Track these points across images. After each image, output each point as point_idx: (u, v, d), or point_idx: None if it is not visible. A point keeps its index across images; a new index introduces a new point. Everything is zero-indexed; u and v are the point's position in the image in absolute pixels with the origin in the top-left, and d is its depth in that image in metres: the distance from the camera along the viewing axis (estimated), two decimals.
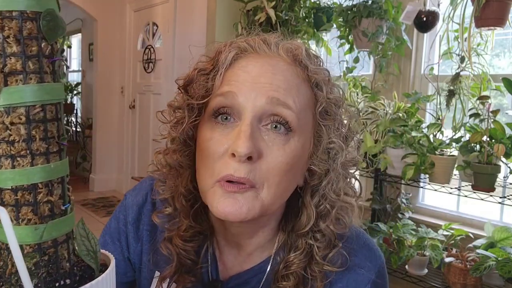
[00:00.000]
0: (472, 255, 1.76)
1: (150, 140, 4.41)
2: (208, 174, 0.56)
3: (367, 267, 0.63)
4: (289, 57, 0.59)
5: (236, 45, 0.60)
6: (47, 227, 0.37)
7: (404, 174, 1.86)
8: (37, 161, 0.37)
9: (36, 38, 0.36)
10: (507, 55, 2.20)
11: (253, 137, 0.54)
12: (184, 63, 3.55)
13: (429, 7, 2.12)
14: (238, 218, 0.54)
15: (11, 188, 0.36)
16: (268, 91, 0.55)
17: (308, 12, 2.61)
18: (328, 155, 0.60)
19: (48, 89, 0.37)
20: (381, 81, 2.32)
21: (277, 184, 0.55)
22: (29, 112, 0.36)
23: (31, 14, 0.36)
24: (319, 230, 0.61)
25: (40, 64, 0.36)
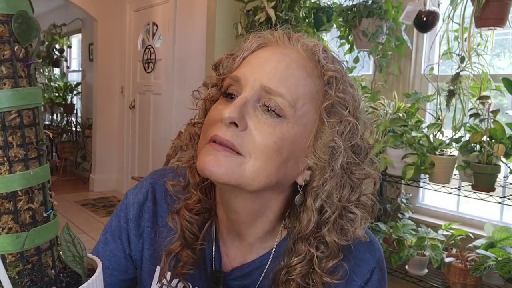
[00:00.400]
0: (472, 255, 1.76)
1: (150, 140, 4.41)
2: (203, 138, 0.61)
3: (366, 258, 0.67)
4: (305, 52, 0.63)
5: (263, 36, 0.66)
6: (29, 235, 0.36)
7: (404, 174, 1.86)
8: (16, 168, 0.36)
9: (8, 41, 0.35)
10: (507, 55, 2.20)
11: (242, 108, 0.58)
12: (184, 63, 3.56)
13: (429, 7, 2.12)
14: (215, 176, 0.57)
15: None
16: (266, 78, 0.59)
17: (308, 12, 2.61)
18: (329, 155, 0.61)
19: (24, 94, 0.35)
20: (381, 81, 2.32)
21: (265, 160, 0.58)
22: (4, 118, 0.35)
23: (1, 17, 0.34)
24: (323, 239, 0.62)
25: (14, 68, 0.35)
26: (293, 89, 0.59)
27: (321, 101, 0.62)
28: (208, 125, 0.61)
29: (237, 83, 0.61)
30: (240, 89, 0.61)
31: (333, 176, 0.61)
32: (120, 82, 4.89)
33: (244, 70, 0.62)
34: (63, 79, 6.41)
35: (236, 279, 0.68)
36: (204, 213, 0.68)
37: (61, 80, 6.35)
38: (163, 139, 4.13)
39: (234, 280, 0.68)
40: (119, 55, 4.82)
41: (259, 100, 0.59)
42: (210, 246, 0.70)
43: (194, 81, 3.60)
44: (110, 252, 0.73)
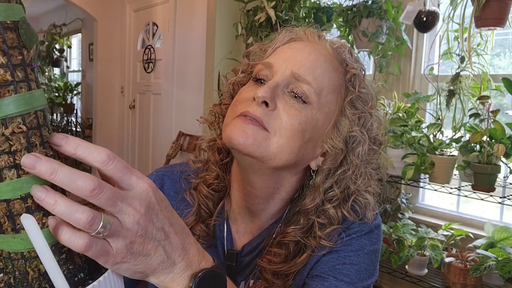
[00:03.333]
0: (472, 255, 1.76)
1: (150, 140, 4.41)
2: (231, 113, 0.65)
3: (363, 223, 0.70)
4: (332, 50, 0.69)
5: (295, 31, 0.71)
6: None
7: (404, 174, 1.86)
8: None
9: (18, 47, 0.36)
10: (507, 55, 2.20)
11: (274, 91, 0.63)
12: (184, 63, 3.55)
13: (429, 7, 2.12)
14: (242, 146, 0.60)
15: (20, 196, 0.37)
16: (296, 66, 0.65)
17: (308, 12, 2.61)
18: (346, 144, 0.66)
19: (36, 96, 0.37)
20: (381, 81, 2.32)
21: (289, 138, 0.62)
22: (25, 120, 0.36)
23: (10, 24, 0.35)
24: (324, 211, 0.67)
25: (26, 72, 0.36)
26: (319, 79, 0.65)
27: (342, 94, 0.68)
28: (238, 103, 0.65)
29: (269, 68, 0.66)
30: (271, 74, 0.66)
31: (349, 163, 0.66)
32: (120, 82, 4.89)
33: (277, 58, 0.67)
34: (63, 79, 6.41)
35: (246, 255, 0.72)
36: (219, 192, 0.73)
37: (61, 80, 6.35)
38: (163, 139, 4.13)
39: (245, 256, 0.72)
40: (119, 55, 4.82)
41: (288, 86, 0.64)
42: (221, 225, 0.74)
43: (194, 81, 3.60)
44: None
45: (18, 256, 0.38)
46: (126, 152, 4.83)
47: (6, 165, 0.36)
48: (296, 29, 0.72)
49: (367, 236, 0.70)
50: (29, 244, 0.37)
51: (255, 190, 0.69)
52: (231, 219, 0.74)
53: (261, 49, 0.73)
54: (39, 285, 0.38)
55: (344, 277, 0.66)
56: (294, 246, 0.68)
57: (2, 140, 0.36)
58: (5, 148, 0.36)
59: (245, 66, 0.73)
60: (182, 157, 3.75)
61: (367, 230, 0.70)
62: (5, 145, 0.36)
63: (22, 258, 0.38)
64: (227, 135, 0.62)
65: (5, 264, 0.39)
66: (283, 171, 0.67)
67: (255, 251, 0.72)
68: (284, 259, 0.67)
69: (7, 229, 0.37)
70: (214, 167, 0.73)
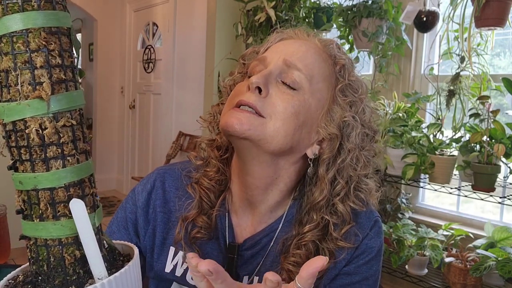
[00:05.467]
0: (472, 255, 1.76)
1: (150, 140, 4.41)
2: (227, 106, 0.68)
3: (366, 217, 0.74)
4: (321, 45, 0.73)
5: (286, 32, 0.75)
6: (96, 216, 0.42)
7: (404, 174, 1.86)
8: (82, 159, 0.42)
9: (68, 50, 0.41)
10: (507, 55, 2.20)
11: (267, 78, 0.66)
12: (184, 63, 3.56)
13: (429, 7, 2.12)
14: (238, 131, 0.63)
15: (64, 185, 0.40)
16: (287, 55, 0.68)
17: (308, 12, 2.61)
18: (340, 131, 0.69)
19: (80, 95, 0.42)
20: (381, 81, 2.32)
21: (284, 121, 0.65)
22: (72, 116, 0.41)
23: (64, 30, 0.40)
24: (335, 208, 0.69)
25: (73, 73, 0.41)
26: (309, 67, 0.68)
27: (333, 83, 0.71)
28: (234, 95, 0.68)
29: (263, 62, 0.70)
30: (264, 67, 0.69)
31: (345, 150, 0.69)
32: (120, 82, 4.89)
33: (270, 52, 0.71)
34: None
35: (248, 249, 0.73)
36: (220, 185, 0.75)
37: None
38: (163, 139, 4.13)
39: (246, 250, 0.73)
40: (119, 55, 4.82)
41: (280, 75, 0.67)
42: (223, 218, 0.75)
43: (194, 81, 3.60)
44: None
45: (56, 243, 0.41)
46: (126, 152, 4.83)
47: (54, 156, 0.40)
48: (286, 30, 0.76)
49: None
50: (68, 230, 0.40)
51: (254, 179, 0.71)
52: (232, 212, 0.75)
53: (255, 51, 0.76)
54: (73, 270, 0.41)
55: None
56: (314, 246, 0.68)
57: (52, 133, 0.39)
58: (54, 140, 0.39)
59: (241, 67, 0.77)
60: (182, 157, 3.75)
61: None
62: (54, 137, 0.39)
63: (60, 244, 0.41)
64: (223, 123, 0.65)
65: (38, 253, 0.41)
66: (281, 159, 0.69)
67: (257, 246, 0.73)
68: (304, 260, 0.66)
69: (48, 216, 0.40)
70: (215, 162, 0.75)
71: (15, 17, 0.37)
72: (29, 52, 0.38)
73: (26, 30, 0.38)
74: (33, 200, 0.40)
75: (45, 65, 0.38)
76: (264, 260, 0.73)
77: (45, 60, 0.38)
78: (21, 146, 0.40)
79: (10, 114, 0.39)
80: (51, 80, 0.38)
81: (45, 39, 0.38)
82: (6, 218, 1.19)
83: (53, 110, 0.39)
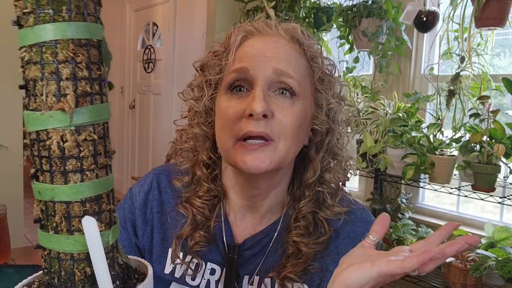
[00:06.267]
0: (472, 255, 1.76)
1: (150, 140, 4.41)
2: (228, 135, 0.65)
3: (363, 222, 0.75)
4: (287, 35, 0.70)
5: (243, 28, 0.71)
6: (110, 233, 0.42)
7: (404, 174, 1.86)
8: (101, 174, 0.41)
9: (97, 63, 0.40)
10: (507, 55, 2.20)
11: (266, 99, 0.63)
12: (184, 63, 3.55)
13: (429, 7, 2.12)
14: (261, 170, 0.63)
15: (80, 200, 0.40)
16: (273, 63, 0.65)
17: (308, 12, 2.61)
18: (328, 116, 0.71)
19: (106, 108, 0.41)
20: (381, 81, 2.32)
21: (291, 138, 0.65)
22: (95, 130, 0.40)
23: (94, 42, 0.40)
24: (325, 181, 0.72)
25: (100, 86, 0.41)
26: (296, 69, 0.67)
27: (311, 74, 0.70)
28: (232, 122, 0.65)
29: (245, 74, 0.65)
30: (249, 80, 0.65)
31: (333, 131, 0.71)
32: (120, 82, 4.88)
33: (247, 61, 0.66)
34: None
35: (248, 249, 0.73)
36: (213, 198, 0.74)
37: None
38: (163, 139, 4.13)
39: (246, 250, 0.73)
40: (119, 55, 4.82)
41: (269, 87, 0.65)
42: (220, 224, 0.74)
43: None
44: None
45: (68, 257, 0.40)
46: (126, 152, 4.83)
47: (73, 169, 0.39)
48: (242, 26, 0.71)
49: None
50: (80, 246, 0.40)
51: (260, 190, 0.72)
52: (230, 216, 0.75)
53: (216, 56, 0.71)
54: (82, 287, 0.40)
55: None
56: (312, 217, 0.71)
57: (73, 146, 0.39)
58: (75, 153, 0.39)
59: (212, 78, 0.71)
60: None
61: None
62: (75, 150, 0.39)
63: (71, 259, 0.40)
64: (240, 164, 0.63)
65: (51, 264, 0.41)
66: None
67: (257, 246, 0.73)
68: (306, 231, 0.70)
69: (62, 229, 0.40)
70: (205, 183, 0.74)
71: (45, 28, 0.37)
72: (56, 63, 0.38)
73: (55, 41, 0.37)
74: (49, 211, 0.40)
75: (71, 77, 0.38)
76: (264, 259, 0.73)
77: (72, 72, 0.38)
78: (42, 156, 0.39)
79: (34, 123, 0.39)
80: (76, 92, 0.38)
81: (73, 51, 0.38)
82: (6, 218, 1.19)
83: (76, 123, 0.39)
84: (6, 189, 2.65)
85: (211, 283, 0.73)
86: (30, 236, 3.43)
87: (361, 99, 2.19)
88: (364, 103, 2.15)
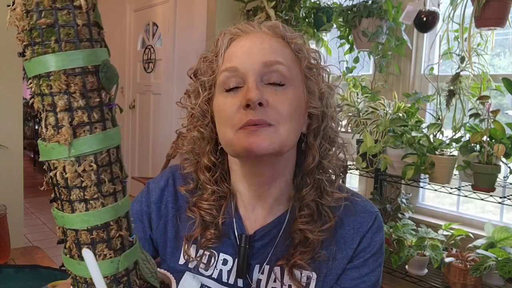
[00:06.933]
0: (472, 255, 1.76)
1: (150, 140, 4.42)
2: (229, 127, 0.68)
3: (367, 211, 0.78)
4: (270, 31, 0.74)
5: (229, 31, 0.75)
6: (121, 259, 0.42)
7: (404, 174, 1.86)
8: (107, 201, 0.41)
9: (97, 89, 0.39)
10: (507, 55, 2.20)
11: (259, 88, 0.67)
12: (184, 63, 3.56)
13: (429, 7, 2.12)
14: (265, 150, 0.65)
15: (86, 228, 0.40)
16: (261, 57, 0.69)
17: (308, 12, 2.61)
18: (321, 101, 0.74)
19: (110, 135, 0.40)
20: (381, 81, 2.32)
21: (289, 121, 0.68)
22: (97, 159, 0.39)
23: (91, 68, 0.39)
24: (323, 168, 0.75)
25: (102, 113, 0.40)
26: (284, 57, 0.70)
27: (299, 63, 0.73)
28: (230, 115, 0.68)
29: (236, 72, 0.69)
30: (240, 77, 0.69)
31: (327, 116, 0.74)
32: (120, 82, 4.86)
33: (236, 60, 0.70)
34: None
35: (258, 240, 0.76)
36: (219, 199, 0.78)
37: None
38: (163, 139, 4.13)
39: (257, 241, 0.76)
40: (119, 55, 4.82)
41: (262, 79, 0.68)
42: (231, 218, 0.78)
43: None
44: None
45: (82, 280, 0.42)
46: (126, 152, 4.83)
47: (77, 198, 0.40)
48: (227, 29, 0.75)
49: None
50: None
51: (264, 177, 0.75)
52: (240, 210, 0.79)
53: (206, 62, 0.75)
54: None
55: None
56: (315, 205, 0.74)
57: (75, 176, 0.39)
58: (77, 183, 0.39)
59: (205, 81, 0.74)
60: (182, 157, 3.75)
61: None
62: (77, 181, 0.39)
63: (85, 283, 0.42)
64: (244, 147, 0.66)
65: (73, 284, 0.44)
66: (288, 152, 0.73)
67: (267, 237, 0.76)
68: (311, 219, 0.74)
69: (74, 255, 0.41)
70: (209, 186, 0.77)
71: (38, 60, 0.37)
72: (51, 96, 0.38)
73: (47, 73, 0.37)
74: (65, 236, 0.42)
75: (66, 108, 0.38)
76: (274, 249, 0.76)
77: (66, 103, 0.38)
78: (54, 184, 0.41)
79: (42, 153, 0.40)
80: (72, 124, 0.38)
81: (66, 81, 0.37)
82: (6, 218, 1.19)
83: (75, 154, 0.38)
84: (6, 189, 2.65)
85: (223, 272, 0.76)
86: (30, 236, 3.43)
87: (361, 99, 2.19)
88: (364, 103, 2.15)
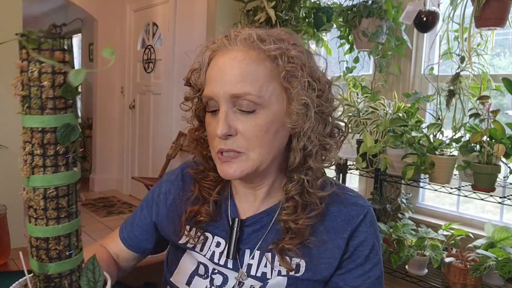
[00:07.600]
0: (472, 255, 1.76)
1: (150, 140, 4.42)
2: (212, 147, 0.78)
3: (359, 205, 0.82)
4: (244, 46, 0.74)
5: (209, 48, 0.79)
6: (53, 266, 0.54)
7: (404, 174, 1.86)
8: (50, 223, 0.53)
9: (54, 143, 0.51)
10: (507, 55, 2.20)
11: (228, 120, 0.73)
12: (184, 63, 3.55)
13: (429, 7, 2.12)
14: (236, 177, 0.75)
15: (35, 237, 0.54)
16: (230, 87, 0.72)
17: (308, 12, 2.61)
18: (304, 108, 0.74)
19: (60, 176, 0.53)
20: (381, 81, 2.32)
21: (260, 146, 0.74)
22: (46, 192, 0.52)
23: (50, 128, 0.51)
24: (309, 167, 0.78)
25: (56, 160, 0.52)
26: (254, 83, 0.72)
27: (277, 74, 0.74)
28: (212, 138, 0.77)
29: (212, 99, 0.75)
30: (217, 102, 0.74)
31: (310, 121, 0.75)
32: (120, 82, 4.88)
33: (211, 88, 0.75)
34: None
35: (249, 225, 0.83)
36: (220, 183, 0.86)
37: None
38: (163, 139, 4.13)
39: (248, 226, 0.83)
40: (119, 55, 4.82)
41: (234, 105, 0.73)
42: (226, 202, 0.86)
43: None
44: (143, 216, 0.95)
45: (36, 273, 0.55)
46: (126, 152, 4.83)
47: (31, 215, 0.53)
48: (208, 45, 0.79)
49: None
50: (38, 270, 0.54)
51: (253, 183, 0.83)
52: (236, 198, 0.86)
53: (194, 73, 0.81)
54: None
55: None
56: (299, 198, 0.78)
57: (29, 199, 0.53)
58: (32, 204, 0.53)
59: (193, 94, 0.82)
60: (182, 157, 3.75)
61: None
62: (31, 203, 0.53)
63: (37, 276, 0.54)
64: (222, 174, 0.76)
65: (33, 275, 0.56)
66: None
67: (258, 223, 0.82)
68: (294, 211, 0.78)
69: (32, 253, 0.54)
70: (210, 172, 0.87)
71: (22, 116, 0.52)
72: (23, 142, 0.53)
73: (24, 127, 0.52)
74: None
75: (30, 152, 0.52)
76: (265, 236, 0.81)
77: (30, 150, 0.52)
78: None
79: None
80: (31, 164, 0.52)
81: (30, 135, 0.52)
82: (6, 218, 1.18)
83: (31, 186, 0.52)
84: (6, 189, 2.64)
85: (216, 254, 0.84)
86: None
87: (361, 99, 2.19)
88: (364, 103, 2.15)
